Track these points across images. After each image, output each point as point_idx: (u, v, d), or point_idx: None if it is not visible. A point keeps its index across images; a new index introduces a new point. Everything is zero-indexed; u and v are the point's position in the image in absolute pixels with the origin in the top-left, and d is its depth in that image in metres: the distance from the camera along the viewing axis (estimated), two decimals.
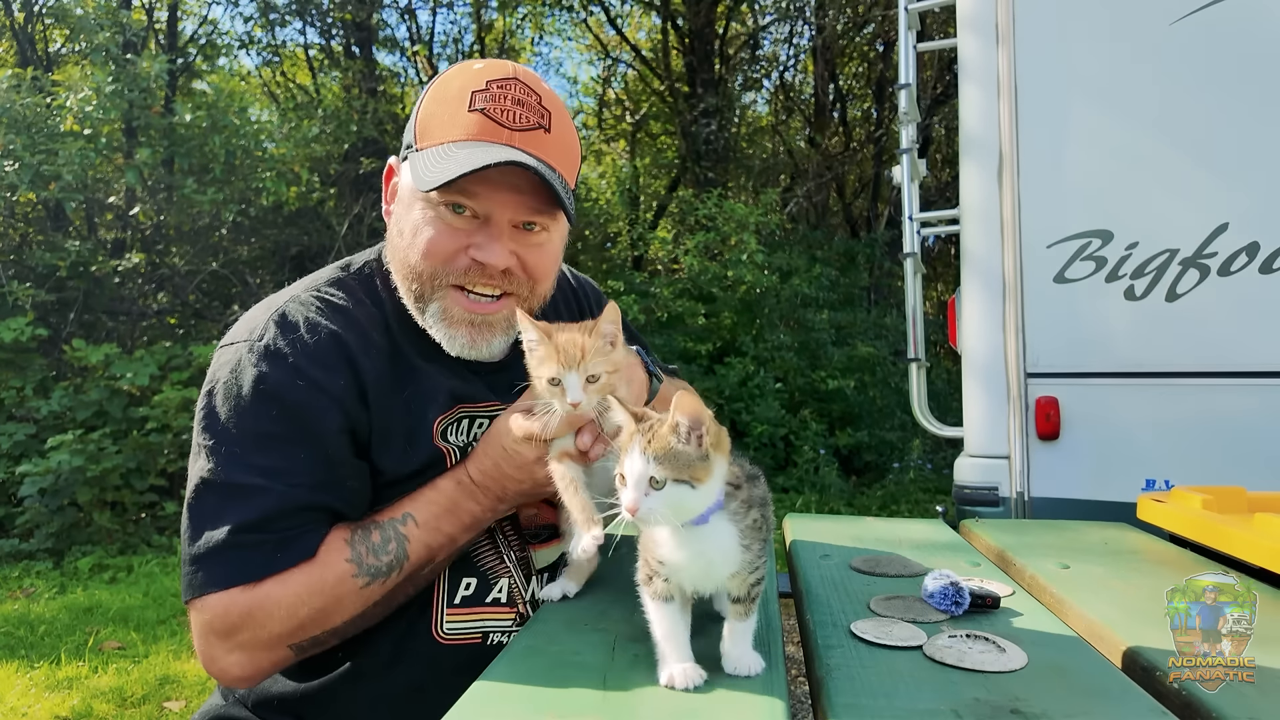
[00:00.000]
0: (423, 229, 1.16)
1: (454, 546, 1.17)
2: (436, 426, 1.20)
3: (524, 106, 1.16)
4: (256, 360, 1.11)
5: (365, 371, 1.15)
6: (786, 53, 13.59)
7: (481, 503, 1.15)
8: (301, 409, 1.10)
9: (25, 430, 6.04)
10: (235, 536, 1.06)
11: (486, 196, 1.14)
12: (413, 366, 1.21)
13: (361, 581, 1.09)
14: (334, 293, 1.22)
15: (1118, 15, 2.60)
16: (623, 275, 8.69)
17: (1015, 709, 0.83)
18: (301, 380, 1.11)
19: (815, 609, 1.15)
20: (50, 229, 7.67)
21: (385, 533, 1.12)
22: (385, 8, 11.32)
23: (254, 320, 1.17)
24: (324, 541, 1.11)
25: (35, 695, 3.48)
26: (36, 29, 9.16)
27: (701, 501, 0.84)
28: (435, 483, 1.15)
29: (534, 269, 1.21)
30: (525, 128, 1.15)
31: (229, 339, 1.18)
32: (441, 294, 1.18)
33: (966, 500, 2.69)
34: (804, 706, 2.79)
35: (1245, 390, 2.40)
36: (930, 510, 6.81)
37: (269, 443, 1.09)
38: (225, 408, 1.10)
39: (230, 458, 1.08)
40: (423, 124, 1.18)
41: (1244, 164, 2.46)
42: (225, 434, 1.09)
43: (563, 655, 0.97)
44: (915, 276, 3.30)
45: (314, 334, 1.14)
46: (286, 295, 1.21)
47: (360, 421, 1.15)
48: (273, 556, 1.07)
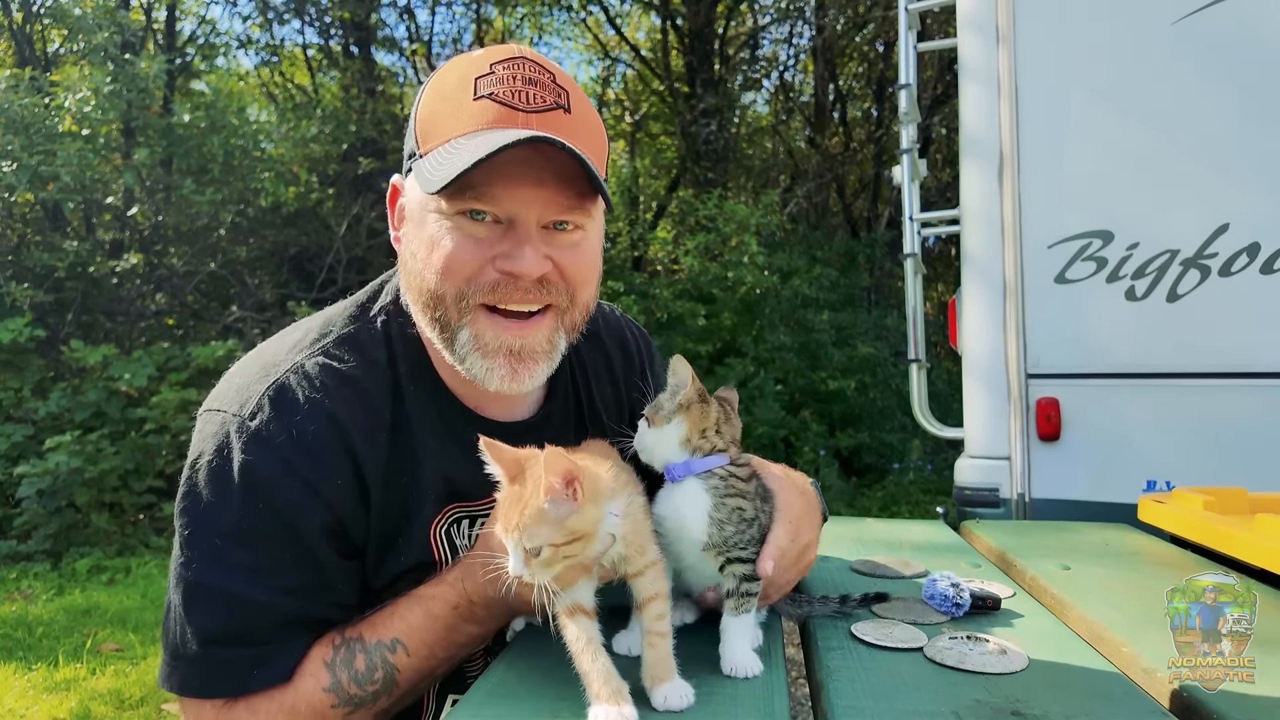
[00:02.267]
0: (438, 245, 0.99)
1: (453, 664, 1.06)
2: (433, 528, 1.09)
3: (537, 85, 0.99)
4: (245, 445, 0.98)
5: (368, 466, 1.03)
6: (786, 53, 13.61)
7: (484, 624, 1.02)
8: (290, 509, 0.98)
9: (23, 431, 6.03)
10: (208, 649, 0.97)
11: (507, 196, 0.97)
12: (417, 447, 1.08)
13: (342, 712, 0.99)
14: (343, 358, 1.06)
15: (1118, 15, 2.59)
16: (622, 276, 8.69)
17: (1016, 711, 0.82)
18: (294, 478, 0.98)
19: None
20: (48, 229, 7.67)
21: (371, 659, 0.99)
22: (384, 7, 11.32)
23: (247, 389, 1.02)
24: (301, 663, 1.00)
25: (33, 697, 3.47)
26: (35, 29, 9.15)
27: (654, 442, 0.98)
28: (428, 605, 1.01)
29: (572, 274, 1.03)
30: (541, 108, 0.98)
31: (217, 404, 1.03)
32: (470, 317, 1.01)
33: (967, 501, 2.69)
34: (804, 708, 2.78)
35: (1246, 391, 2.40)
36: (931, 512, 6.80)
37: (253, 539, 0.98)
38: (208, 492, 0.98)
39: (210, 552, 0.97)
40: (424, 125, 1.01)
41: (1245, 164, 2.45)
42: (205, 523, 0.98)
43: (563, 656, 0.96)
44: (916, 277, 3.30)
45: (314, 421, 1.00)
46: (289, 360, 1.05)
47: (357, 524, 1.04)
48: (248, 674, 0.97)
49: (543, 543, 0.80)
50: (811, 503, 1.10)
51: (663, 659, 0.84)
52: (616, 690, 0.81)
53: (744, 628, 0.94)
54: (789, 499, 1.03)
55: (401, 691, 1.02)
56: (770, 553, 0.96)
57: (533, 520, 0.79)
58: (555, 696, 0.86)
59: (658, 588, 0.88)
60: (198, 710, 1.00)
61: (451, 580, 1.02)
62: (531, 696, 0.86)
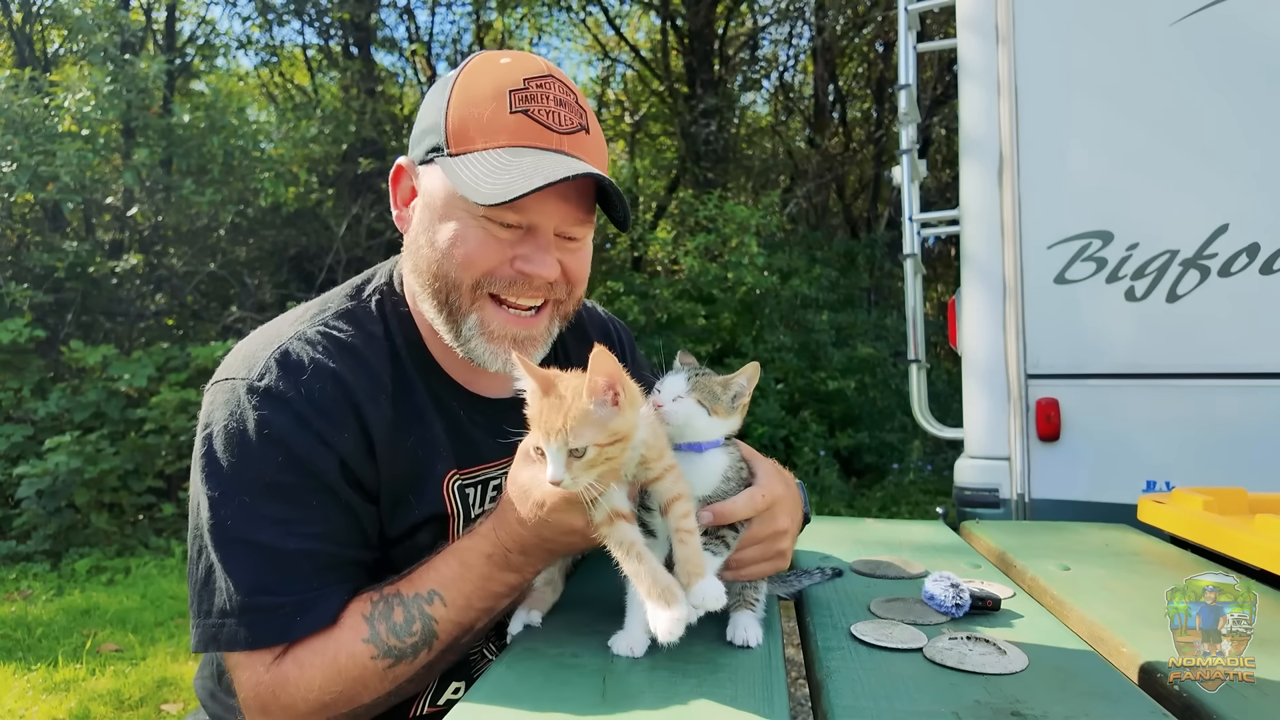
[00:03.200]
0: (463, 239, 1.08)
1: (492, 615, 1.08)
2: (447, 481, 1.15)
3: (566, 107, 1.10)
4: (259, 403, 1.03)
5: (373, 423, 1.08)
6: (786, 53, 13.61)
7: (522, 571, 1.05)
8: (309, 457, 1.04)
9: (23, 431, 6.03)
10: (251, 598, 1.01)
11: (535, 208, 1.07)
12: (419, 408, 1.15)
13: (384, 664, 1.02)
14: (342, 328, 1.13)
15: (1118, 16, 2.59)
16: (622, 276, 8.69)
17: (1016, 711, 0.82)
18: (307, 430, 1.04)
19: (815, 611, 1.15)
20: (48, 230, 7.67)
21: (409, 611, 1.03)
22: (383, 8, 11.32)
23: (253, 356, 1.08)
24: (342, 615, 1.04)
25: (33, 698, 3.47)
26: (34, 29, 9.15)
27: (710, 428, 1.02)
28: (462, 556, 1.04)
29: (574, 274, 1.16)
30: (570, 130, 1.09)
31: (224, 374, 1.09)
32: (480, 305, 1.11)
33: (967, 502, 2.69)
34: (804, 709, 2.78)
35: (1246, 391, 2.40)
36: (931, 512, 6.81)
37: (278, 491, 1.03)
38: (227, 454, 1.03)
39: (240, 509, 1.02)
40: (457, 126, 1.08)
41: (1244, 165, 2.46)
42: (231, 483, 1.03)
43: (562, 656, 0.96)
44: (915, 277, 3.30)
45: (320, 379, 1.06)
46: (291, 329, 1.11)
47: (369, 477, 1.09)
48: (291, 621, 1.01)
49: (588, 442, 0.84)
50: (794, 495, 1.15)
51: (694, 554, 0.89)
52: (667, 588, 0.84)
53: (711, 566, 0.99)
54: (771, 481, 1.09)
55: (443, 644, 1.04)
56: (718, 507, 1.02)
57: (578, 421, 0.84)
58: (555, 696, 0.86)
59: (680, 488, 0.93)
60: (249, 668, 1.03)
61: (484, 531, 1.05)
62: (531, 696, 0.86)
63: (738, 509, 1.02)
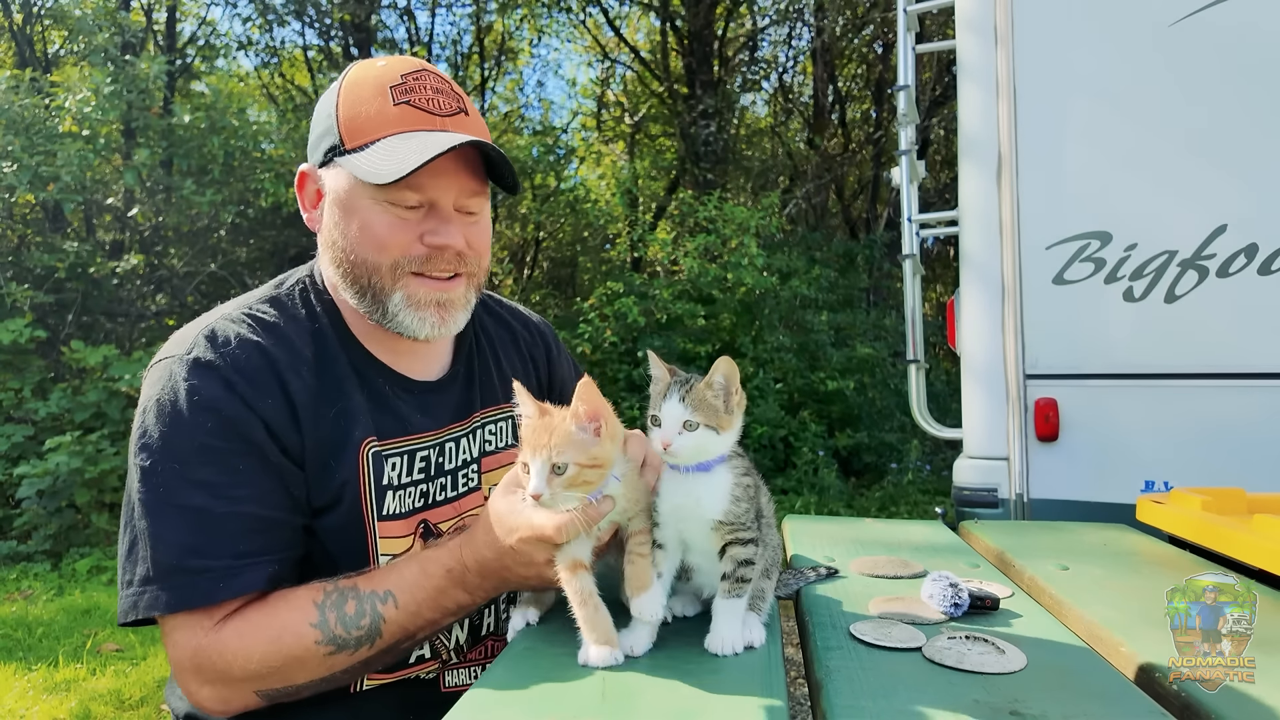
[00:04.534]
0: (371, 225, 1.16)
1: (433, 629, 1.12)
2: (363, 447, 1.18)
3: (443, 94, 1.20)
4: (188, 374, 1.09)
5: (295, 391, 1.14)
6: (785, 54, 13.61)
7: (474, 594, 1.08)
8: (239, 420, 1.09)
9: (23, 432, 6.03)
10: (182, 562, 1.04)
11: (431, 184, 1.16)
12: (340, 379, 1.20)
13: (325, 650, 1.06)
14: (265, 309, 1.21)
15: (1117, 17, 2.60)
16: (622, 277, 8.69)
17: (1015, 710, 0.82)
18: (234, 394, 1.09)
19: (814, 611, 1.15)
20: (49, 230, 7.67)
21: (361, 606, 1.07)
22: (384, 9, 11.33)
23: (183, 336, 1.16)
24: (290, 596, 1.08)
25: (33, 698, 3.47)
26: (35, 30, 9.16)
27: (721, 446, 0.99)
28: (424, 564, 1.09)
29: (478, 245, 1.24)
30: (450, 113, 1.19)
31: (158, 356, 1.16)
32: (403, 282, 1.18)
33: (966, 502, 2.69)
34: (803, 708, 2.79)
35: (1244, 392, 2.40)
36: (929, 512, 6.81)
37: (208, 455, 1.07)
38: (159, 424, 1.08)
39: (169, 475, 1.06)
40: (349, 124, 1.17)
41: (1243, 165, 2.46)
42: (162, 450, 1.07)
43: (562, 655, 0.96)
44: (914, 278, 3.30)
45: (244, 349, 1.13)
46: (218, 313, 1.20)
47: (293, 443, 1.13)
48: (216, 586, 1.05)
49: (569, 460, 0.91)
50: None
51: (641, 572, 0.97)
52: (606, 633, 0.94)
53: (734, 610, 0.99)
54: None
55: (383, 645, 1.08)
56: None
57: (562, 440, 0.92)
58: (555, 697, 0.86)
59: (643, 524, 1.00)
60: (187, 629, 1.06)
61: (451, 546, 1.10)
62: (531, 696, 0.86)
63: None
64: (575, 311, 8.27)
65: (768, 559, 1.07)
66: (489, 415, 1.37)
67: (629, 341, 7.83)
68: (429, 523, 1.24)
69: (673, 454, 0.97)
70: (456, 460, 1.30)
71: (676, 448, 0.96)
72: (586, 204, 11.55)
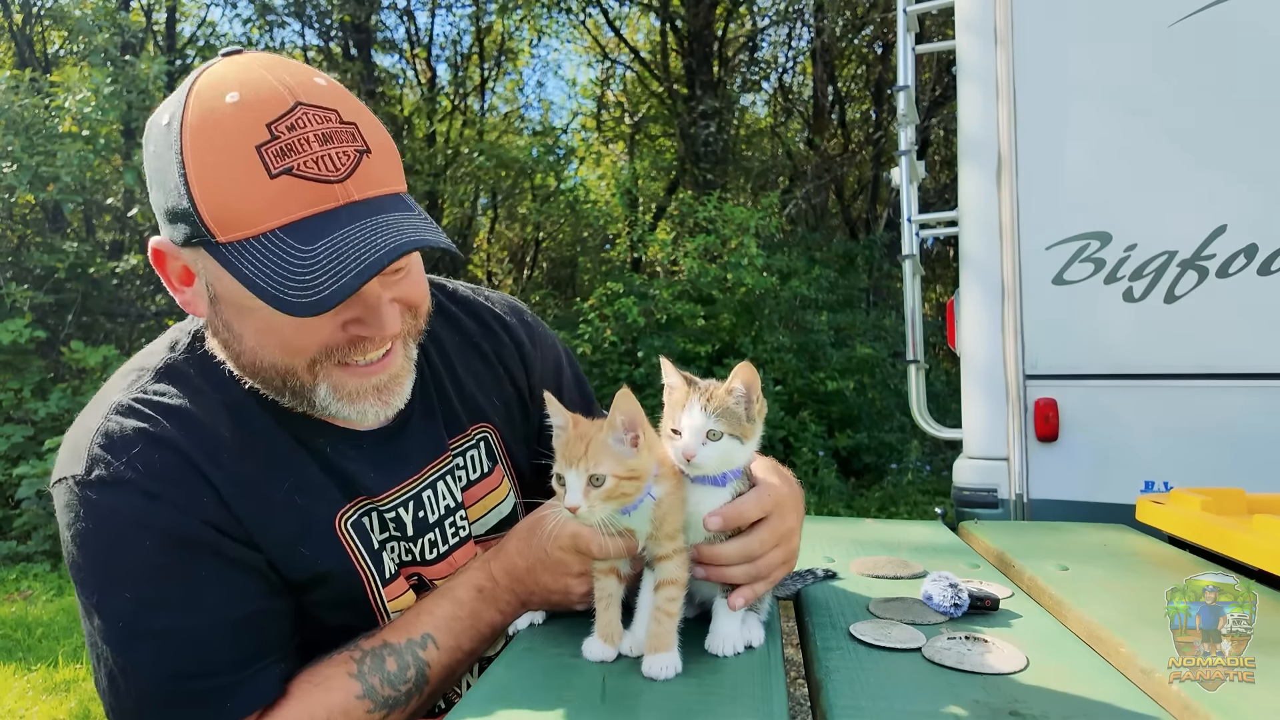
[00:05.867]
0: (278, 326, 0.94)
1: (474, 659, 1.06)
2: (339, 521, 1.05)
3: (332, 141, 0.89)
4: (98, 495, 0.93)
5: (220, 484, 0.97)
6: (785, 55, 13.62)
7: (505, 610, 1.04)
8: (176, 529, 0.94)
9: (23, 432, 6.03)
10: (176, 686, 0.93)
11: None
12: (284, 453, 1.03)
13: (378, 715, 0.99)
14: (162, 389, 1.00)
15: (1116, 17, 2.60)
16: (622, 277, 8.70)
17: (1014, 711, 0.82)
18: (161, 503, 0.94)
19: (814, 611, 1.15)
20: (48, 230, 7.67)
21: (403, 659, 1.00)
22: (384, 9, 11.33)
23: (76, 449, 0.97)
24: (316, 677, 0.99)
25: (33, 698, 3.47)
26: (35, 30, 9.16)
27: (744, 456, 0.96)
28: (453, 593, 1.04)
29: (413, 299, 1.03)
30: (349, 170, 0.89)
31: (58, 474, 0.98)
32: (325, 374, 0.99)
33: (965, 502, 2.69)
34: (803, 709, 2.79)
35: (1244, 392, 2.40)
36: (929, 512, 6.81)
37: (160, 575, 0.94)
38: (92, 557, 0.94)
39: (127, 607, 0.93)
40: (213, 212, 0.87)
41: (1242, 166, 2.46)
42: (108, 583, 0.94)
43: (562, 655, 0.96)
44: (914, 278, 3.30)
45: (150, 449, 0.95)
46: (105, 404, 0.99)
47: (244, 538, 0.98)
48: (224, 705, 0.94)
49: (607, 472, 0.88)
50: (794, 490, 1.09)
51: (665, 633, 0.92)
52: (612, 633, 0.94)
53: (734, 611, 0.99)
54: (771, 479, 1.04)
55: (431, 689, 1.03)
56: (725, 510, 0.95)
57: (599, 451, 0.88)
58: (555, 697, 0.86)
59: (677, 575, 0.94)
60: None
61: (478, 565, 1.06)
62: (531, 697, 0.86)
63: (747, 510, 0.96)
64: (575, 312, 8.28)
65: None
66: (456, 446, 1.19)
67: (629, 342, 7.83)
68: (423, 577, 1.13)
69: (697, 466, 0.93)
70: (439, 509, 1.15)
71: (700, 459, 0.92)
72: (586, 204, 11.56)
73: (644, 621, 0.95)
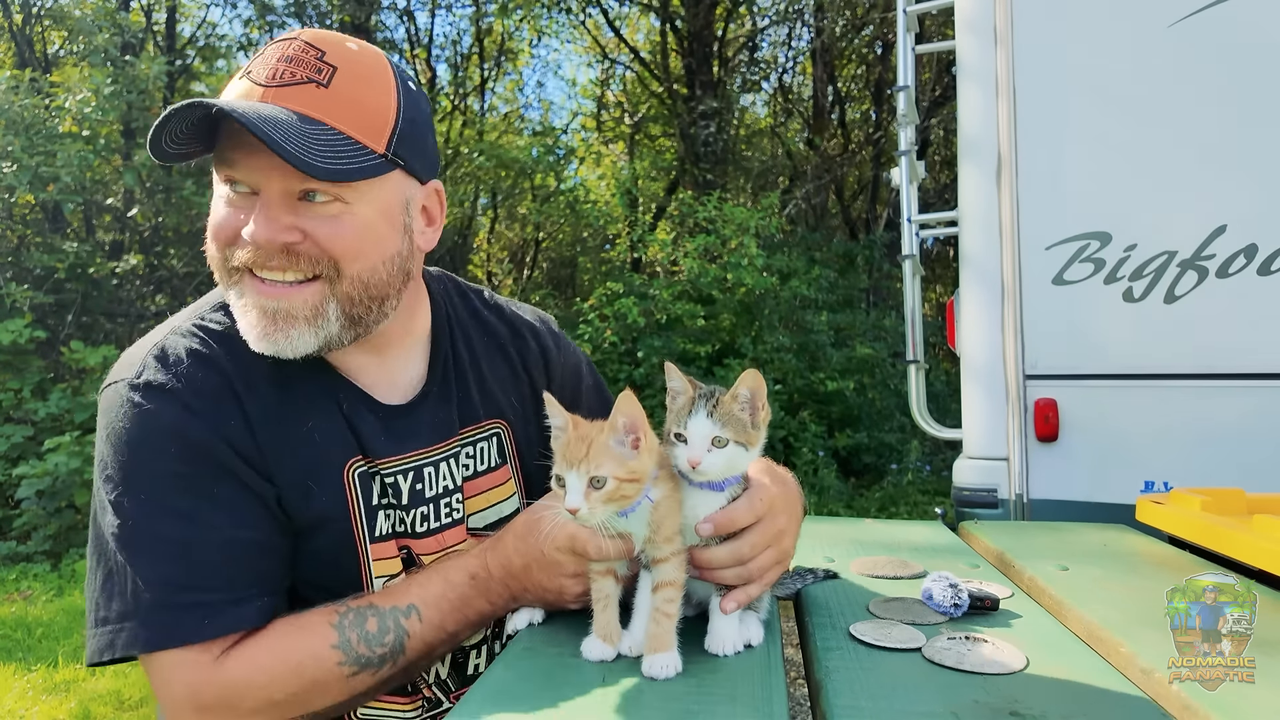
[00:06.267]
0: (213, 212, 1.04)
1: (454, 643, 1.09)
2: (348, 469, 1.10)
3: (294, 62, 1.00)
4: (142, 399, 1.01)
5: (252, 410, 1.05)
6: (785, 55, 13.62)
7: (495, 601, 1.06)
8: (205, 445, 1.01)
9: (23, 432, 6.03)
10: (168, 595, 0.97)
11: (247, 165, 0.99)
12: (311, 396, 1.10)
13: (348, 671, 1.01)
14: (216, 319, 1.10)
15: (1116, 17, 2.60)
16: (622, 277, 8.69)
17: (1014, 711, 0.82)
18: (196, 417, 1.01)
19: (814, 611, 1.15)
20: (48, 231, 7.67)
21: (384, 622, 1.03)
22: (384, 10, 11.34)
23: (132, 358, 1.07)
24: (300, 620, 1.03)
25: (32, 698, 3.47)
26: (35, 30, 9.16)
27: (747, 463, 0.96)
28: (446, 574, 1.06)
29: (329, 244, 1.01)
30: (288, 83, 0.99)
31: (109, 379, 1.07)
32: (237, 278, 1.04)
33: (965, 502, 2.69)
34: (803, 709, 2.79)
35: (1244, 392, 2.40)
36: (929, 512, 6.81)
37: (180, 483, 1.00)
38: (121, 455, 1.00)
39: (141, 506, 0.99)
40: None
41: (1242, 166, 2.46)
42: (128, 482, 1.00)
43: (562, 655, 0.96)
44: (914, 278, 3.30)
45: (199, 368, 1.04)
46: (168, 327, 1.10)
47: (261, 464, 1.05)
48: (203, 622, 0.98)
49: (608, 474, 0.87)
50: (789, 490, 1.10)
51: (664, 633, 0.92)
52: (610, 634, 0.94)
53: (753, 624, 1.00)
54: (764, 481, 1.04)
55: (406, 661, 1.05)
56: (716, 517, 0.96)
57: (600, 452, 0.88)
58: (555, 696, 0.86)
59: (675, 577, 0.94)
60: (178, 669, 0.98)
61: (475, 553, 1.07)
62: (531, 696, 0.86)
63: (738, 517, 0.97)
64: (575, 312, 8.27)
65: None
66: (468, 435, 1.24)
67: (629, 342, 7.83)
68: (412, 550, 1.16)
69: (702, 473, 0.92)
70: (437, 487, 1.19)
71: (706, 466, 0.92)
72: (586, 204, 11.55)
73: (642, 622, 0.95)
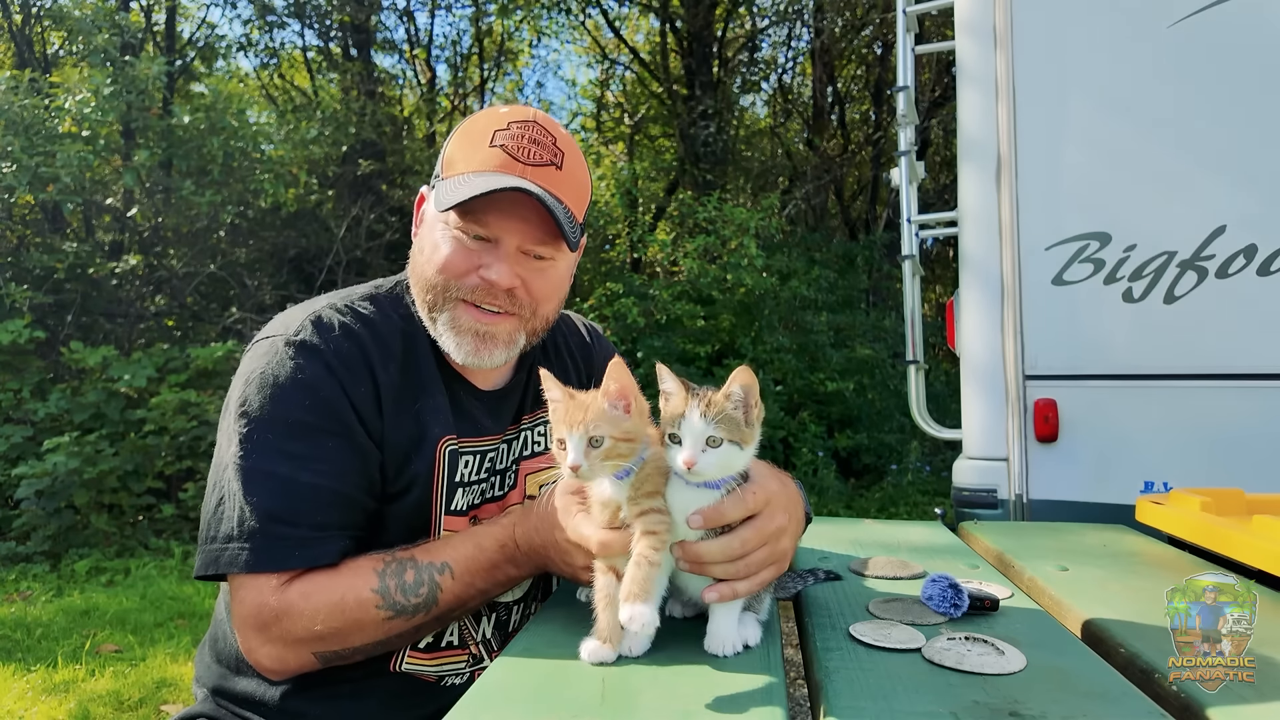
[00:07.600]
0: (440, 247, 1.26)
1: (484, 599, 1.23)
2: (441, 444, 1.28)
3: (539, 145, 1.27)
4: (294, 353, 1.19)
5: (382, 383, 1.24)
6: (785, 55, 13.62)
7: (523, 569, 1.19)
8: (334, 402, 1.19)
9: (22, 432, 6.02)
10: (266, 525, 1.12)
11: (498, 223, 1.24)
12: (426, 380, 1.30)
13: (385, 615, 1.14)
14: (365, 306, 1.31)
15: (1116, 18, 2.60)
16: (621, 277, 8.69)
17: (1014, 711, 0.82)
18: (333, 378, 1.19)
19: (814, 612, 1.15)
20: (48, 231, 7.66)
21: (420, 575, 1.16)
22: (384, 10, 11.34)
23: (291, 318, 1.26)
24: (352, 564, 1.16)
25: (32, 699, 3.47)
26: (34, 30, 9.16)
27: (743, 462, 0.98)
28: (479, 539, 1.19)
29: (536, 292, 1.29)
30: (538, 163, 1.25)
31: (265, 334, 1.26)
32: (452, 305, 1.27)
33: (965, 503, 2.69)
34: (803, 709, 2.79)
35: (1243, 392, 2.41)
36: (929, 513, 6.81)
37: (303, 430, 1.16)
38: (261, 396, 1.17)
39: (265, 443, 1.15)
40: (449, 157, 1.29)
41: (1242, 166, 2.46)
42: (261, 420, 1.16)
43: (563, 655, 0.97)
44: (914, 279, 3.30)
45: (345, 338, 1.23)
46: (324, 301, 1.30)
47: (376, 429, 1.23)
48: (291, 553, 1.13)
49: (605, 434, 0.94)
50: (790, 491, 1.11)
51: (644, 578, 0.93)
52: (611, 635, 0.96)
53: (730, 611, 0.99)
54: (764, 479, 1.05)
55: (439, 612, 1.17)
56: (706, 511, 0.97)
57: (597, 416, 0.95)
58: (555, 696, 0.86)
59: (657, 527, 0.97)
60: (255, 588, 1.13)
61: (505, 523, 1.20)
62: (531, 696, 0.86)
63: (727, 511, 0.98)
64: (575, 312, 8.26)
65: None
66: (538, 418, 1.46)
67: (629, 342, 7.83)
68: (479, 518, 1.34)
69: (697, 473, 0.93)
70: (507, 461, 1.40)
71: (701, 466, 0.92)
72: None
73: (642, 635, 0.96)
